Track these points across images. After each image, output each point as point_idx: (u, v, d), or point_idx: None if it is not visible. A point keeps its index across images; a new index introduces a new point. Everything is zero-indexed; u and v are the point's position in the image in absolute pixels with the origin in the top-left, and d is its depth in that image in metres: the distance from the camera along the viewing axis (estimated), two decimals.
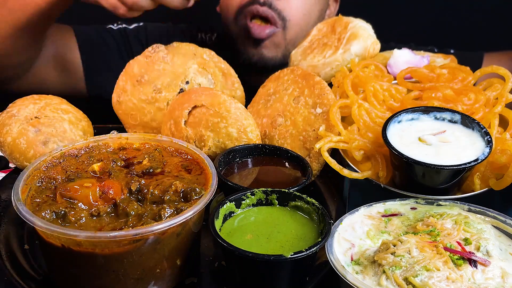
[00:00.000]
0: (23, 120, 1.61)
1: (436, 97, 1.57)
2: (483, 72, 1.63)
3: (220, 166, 1.50)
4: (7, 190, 1.57)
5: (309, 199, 1.33)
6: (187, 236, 1.26)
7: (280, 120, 1.70)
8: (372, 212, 1.36)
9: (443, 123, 1.49)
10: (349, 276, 1.14)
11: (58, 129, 1.62)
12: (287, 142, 1.67)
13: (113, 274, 1.19)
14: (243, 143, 1.57)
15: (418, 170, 1.38)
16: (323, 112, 1.63)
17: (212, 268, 1.35)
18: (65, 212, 1.20)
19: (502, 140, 1.45)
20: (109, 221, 1.21)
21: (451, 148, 1.41)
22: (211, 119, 1.55)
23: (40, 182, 1.31)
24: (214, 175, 1.31)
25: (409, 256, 1.15)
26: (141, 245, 1.17)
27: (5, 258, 1.33)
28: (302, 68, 1.77)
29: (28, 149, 1.59)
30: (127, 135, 1.47)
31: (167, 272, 1.25)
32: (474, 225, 1.26)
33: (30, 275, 1.29)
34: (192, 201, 1.25)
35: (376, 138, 1.51)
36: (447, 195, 1.42)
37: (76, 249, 1.16)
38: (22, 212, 1.17)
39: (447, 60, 1.80)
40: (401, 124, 1.49)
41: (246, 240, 1.27)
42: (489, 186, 1.42)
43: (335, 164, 1.50)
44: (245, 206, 1.36)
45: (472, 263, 1.15)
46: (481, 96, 1.56)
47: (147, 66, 1.81)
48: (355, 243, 1.26)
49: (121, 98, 1.82)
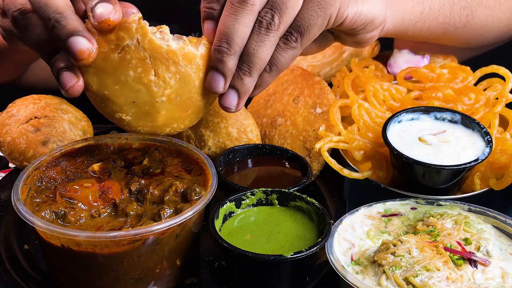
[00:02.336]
0: (23, 120, 1.61)
1: (436, 97, 1.57)
2: (483, 72, 1.63)
3: (220, 166, 1.50)
4: (7, 190, 1.57)
5: (309, 199, 1.33)
6: (187, 236, 1.26)
7: (280, 120, 1.69)
8: (372, 212, 1.36)
9: (443, 123, 1.49)
10: (349, 276, 1.14)
11: (58, 129, 1.62)
12: (287, 142, 1.67)
13: (112, 274, 1.19)
14: (243, 143, 1.57)
15: (418, 170, 1.38)
16: (323, 112, 1.63)
17: (212, 268, 1.35)
18: (65, 212, 1.20)
19: (502, 140, 1.45)
20: (108, 221, 1.21)
21: (451, 148, 1.41)
22: (211, 119, 1.55)
23: (40, 182, 1.31)
24: (214, 175, 1.31)
25: (409, 256, 1.15)
26: (141, 245, 1.17)
27: (5, 258, 1.33)
28: (302, 68, 1.77)
29: (27, 149, 1.58)
30: (127, 135, 1.47)
31: (167, 272, 1.25)
32: (474, 225, 1.26)
33: (30, 275, 1.29)
34: (192, 201, 1.25)
35: (376, 138, 1.51)
36: (447, 195, 1.42)
37: (75, 249, 1.16)
38: (22, 212, 1.17)
39: (447, 60, 1.80)
40: (401, 124, 1.49)
41: (246, 240, 1.27)
42: (489, 186, 1.42)
43: (335, 164, 1.50)
44: (245, 206, 1.36)
45: (472, 263, 1.15)
46: (481, 96, 1.56)
47: None
48: (355, 243, 1.26)
49: None
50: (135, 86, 1.18)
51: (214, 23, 1.22)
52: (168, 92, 1.19)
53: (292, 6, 1.22)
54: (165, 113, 1.23)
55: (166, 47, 1.15)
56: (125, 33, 1.14)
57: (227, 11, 1.19)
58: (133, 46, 1.15)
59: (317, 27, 1.26)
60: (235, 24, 1.18)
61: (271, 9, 1.20)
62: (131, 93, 1.19)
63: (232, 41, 1.19)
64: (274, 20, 1.20)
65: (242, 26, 1.19)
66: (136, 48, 1.15)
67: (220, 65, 1.20)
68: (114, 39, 1.15)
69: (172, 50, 1.16)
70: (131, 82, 1.17)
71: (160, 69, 1.16)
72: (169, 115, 1.24)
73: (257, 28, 1.20)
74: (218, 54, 1.20)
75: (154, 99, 1.19)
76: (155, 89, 1.18)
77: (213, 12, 1.21)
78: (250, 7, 1.18)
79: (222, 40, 1.19)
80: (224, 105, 1.28)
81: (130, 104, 1.21)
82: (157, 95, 1.19)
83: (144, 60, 1.15)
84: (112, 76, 1.17)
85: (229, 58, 1.20)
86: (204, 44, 1.22)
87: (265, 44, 1.21)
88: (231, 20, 1.18)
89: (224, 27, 1.18)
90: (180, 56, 1.17)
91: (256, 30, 1.20)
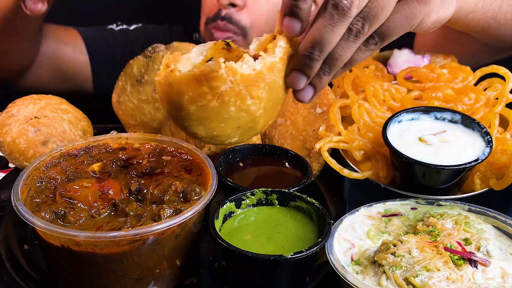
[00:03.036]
0: (22, 120, 1.61)
1: (436, 97, 1.57)
2: (483, 72, 1.63)
3: (220, 166, 1.50)
4: (7, 190, 1.57)
5: (309, 199, 1.33)
6: (187, 236, 1.25)
7: (280, 120, 1.69)
8: (372, 212, 1.36)
9: (443, 123, 1.49)
10: (349, 276, 1.14)
11: (57, 129, 1.62)
12: (287, 142, 1.67)
13: (112, 274, 1.19)
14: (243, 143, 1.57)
15: (418, 170, 1.38)
16: (323, 112, 1.63)
17: (212, 268, 1.35)
18: (64, 212, 1.20)
19: (502, 140, 1.45)
20: (108, 221, 1.21)
21: (451, 148, 1.41)
22: None
23: (39, 182, 1.31)
24: (214, 175, 1.31)
25: (409, 256, 1.15)
26: (141, 245, 1.17)
27: (5, 258, 1.33)
28: None
29: (27, 149, 1.59)
30: (127, 135, 1.47)
31: (166, 272, 1.25)
32: (474, 225, 1.26)
33: (30, 275, 1.29)
34: (192, 201, 1.25)
35: (376, 138, 1.51)
36: (447, 195, 1.42)
37: (75, 249, 1.16)
38: (22, 212, 1.17)
39: (447, 60, 1.80)
40: (401, 124, 1.49)
41: (246, 240, 1.27)
42: (489, 186, 1.42)
43: (335, 164, 1.50)
44: (245, 206, 1.36)
45: (472, 263, 1.15)
46: (482, 96, 1.56)
47: (147, 66, 1.81)
48: (355, 243, 1.26)
49: (121, 98, 1.82)
50: (237, 116, 1.20)
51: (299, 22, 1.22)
52: (263, 105, 1.21)
53: (383, 17, 1.24)
54: (263, 120, 1.26)
55: (253, 71, 1.16)
56: (216, 81, 1.13)
57: (325, 20, 1.19)
58: (228, 88, 1.15)
59: (398, 34, 1.29)
60: (331, 35, 1.19)
61: (363, 19, 1.21)
62: (235, 122, 1.21)
63: (324, 50, 1.21)
64: (364, 29, 1.22)
65: (336, 37, 1.20)
66: (231, 88, 1.15)
67: (307, 69, 1.22)
68: (209, 91, 1.14)
69: (259, 71, 1.17)
70: (233, 115, 1.19)
71: (253, 91, 1.18)
72: (266, 119, 1.27)
73: (346, 35, 1.22)
74: (309, 60, 1.21)
75: (254, 116, 1.22)
76: (253, 108, 1.20)
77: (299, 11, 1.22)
78: (348, 20, 1.19)
79: (316, 48, 1.20)
80: (299, 98, 1.30)
81: (235, 129, 1.24)
82: (256, 112, 1.22)
83: (240, 92, 1.16)
84: (216, 119, 1.19)
85: (317, 64, 1.22)
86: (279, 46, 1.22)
87: (350, 49, 1.24)
88: (328, 31, 1.19)
89: (320, 36, 1.19)
90: (265, 71, 1.18)
91: (345, 36, 1.22)
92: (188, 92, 1.13)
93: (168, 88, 1.14)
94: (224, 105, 1.16)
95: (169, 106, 1.17)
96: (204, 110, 1.16)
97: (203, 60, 1.21)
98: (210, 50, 1.23)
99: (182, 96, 1.14)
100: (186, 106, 1.14)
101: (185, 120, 1.18)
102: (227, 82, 1.14)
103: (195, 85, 1.13)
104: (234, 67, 1.13)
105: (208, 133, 1.21)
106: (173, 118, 1.21)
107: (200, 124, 1.19)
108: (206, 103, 1.15)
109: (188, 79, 1.12)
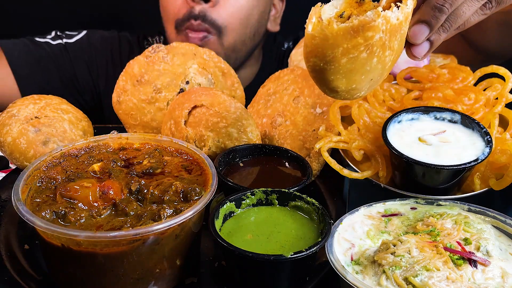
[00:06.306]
0: (23, 120, 1.61)
1: (436, 97, 1.57)
2: (483, 72, 1.63)
3: (220, 166, 1.50)
4: (7, 190, 1.57)
5: (309, 199, 1.33)
6: (187, 236, 1.26)
7: (280, 120, 1.70)
8: (372, 212, 1.36)
9: (443, 123, 1.49)
10: (349, 276, 1.14)
11: (58, 129, 1.62)
12: (287, 142, 1.67)
13: (112, 274, 1.19)
14: (243, 143, 1.57)
15: (418, 170, 1.38)
16: (323, 112, 1.63)
17: (212, 268, 1.35)
18: (65, 212, 1.20)
19: (502, 140, 1.45)
20: (108, 221, 1.21)
21: (451, 148, 1.41)
22: (211, 119, 1.55)
23: (40, 182, 1.31)
24: (214, 175, 1.31)
25: (409, 256, 1.15)
26: (141, 245, 1.17)
27: (5, 258, 1.33)
28: (302, 68, 1.77)
29: (28, 149, 1.59)
30: (127, 135, 1.47)
31: (167, 272, 1.25)
32: (474, 225, 1.26)
33: (30, 275, 1.30)
34: (192, 201, 1.25)
35: (376, 138, 1.51)
36: (447, 195, 1.42)
37: (76, 249, 1.16)
38: (22, 212, 1.17)
39: (447, 60, 1.80)
40: (401, 124, 1.49)
41: (246, 240, 1.27)
42: (489, 186, 1.42)
43: (335, 164, 1.50)
44: (245, 206, 1.36)
45: (472, 263, 1.15)
46: (481, 96, 1.56)
47: (147, 66, 1.81)
48: (355, 243, 1.26)
49: (121, 98, 1.82)
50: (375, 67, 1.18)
51: None
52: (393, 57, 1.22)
53: None
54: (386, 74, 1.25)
55: (397, 21, 1.14)
56: (372, 31, 1.11)
57: None
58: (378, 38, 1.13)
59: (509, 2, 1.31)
60: None
61: None
62: (371, 74, 1.20)
63: (454, 4, 1.24)
64: None
65: None
66: (380, 38, 1.14)
67: (434, 21, 1.24)
68: (363, 42, 1.12)
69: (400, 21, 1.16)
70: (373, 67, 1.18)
71: (391, 42, 1.17)
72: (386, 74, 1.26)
73: None
74: (438, 12, 1.23)
75: (385, 68, 1.22)
76: (387, 60, 1.19)
77: None
78: None
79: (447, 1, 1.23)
80: (414, 54, 1.31)
81: (369, 82, 1.23)
82: (387, 64, 1.21)
83: (384, 43, 1.15)
84: (359, 71, 1.17)
85: (444, 17, 1.24)
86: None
87: (472, 9, 1.27)
88: None
89: None
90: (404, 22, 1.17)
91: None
92: (343, 44, 1.12)
93: (322, 41, 1.11)
94: (370, 56, 1.15)
95: (317, 59, 1.14)
96: (353, 62, 1.14)
97: (337, 13, 1.18)
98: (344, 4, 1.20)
99: (336, 48, 1.12)
100: (338, 58, 1.13)
101: (332, 73, 1.15)
102: (380, 32, 1.12)
103: (351, 37, 1.11)
104: (388, 16, 1.12)
105: (348, 86, 1.19)
106: (316, 72, 1.18)
107: (345, 77, 1.17)
108: (358, 54, 1.13)
109: (346, 30, 1.10)
